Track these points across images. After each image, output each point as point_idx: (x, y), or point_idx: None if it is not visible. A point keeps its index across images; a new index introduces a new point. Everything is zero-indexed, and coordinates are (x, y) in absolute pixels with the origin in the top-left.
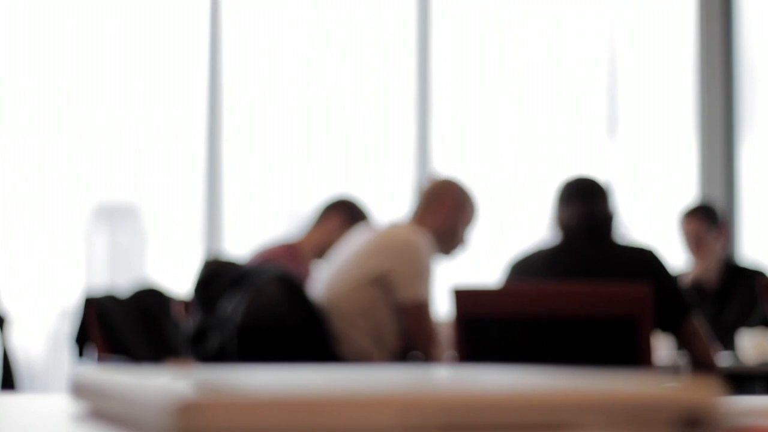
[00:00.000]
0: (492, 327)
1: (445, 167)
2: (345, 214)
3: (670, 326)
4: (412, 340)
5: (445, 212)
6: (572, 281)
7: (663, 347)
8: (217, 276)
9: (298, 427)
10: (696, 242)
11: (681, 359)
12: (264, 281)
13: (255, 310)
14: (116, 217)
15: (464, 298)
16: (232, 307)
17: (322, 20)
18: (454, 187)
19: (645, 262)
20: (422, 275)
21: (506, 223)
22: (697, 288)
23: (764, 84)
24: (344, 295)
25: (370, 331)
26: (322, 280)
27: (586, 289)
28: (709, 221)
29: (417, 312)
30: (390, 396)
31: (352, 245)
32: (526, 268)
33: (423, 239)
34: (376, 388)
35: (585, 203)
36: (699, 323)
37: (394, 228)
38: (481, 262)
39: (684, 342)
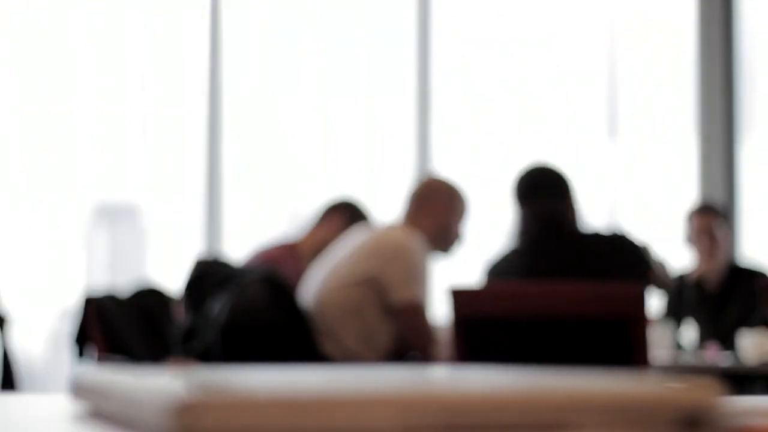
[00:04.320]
0: (490, 327)
1: (445, 167)
2: (346, 215)
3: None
4: (409, 341)
5: (437, 211)
6: (549, 279)
7: (660, 347)
8: (207, 276)
9: (298, 428)
10: (709, 238)
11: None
12: (248, 281)
13: (238, 310)
14: (116, 217)
15: (463, 298)
16: (219, 307)
17: (322, 20)
18: (443, 185)
19: (617, 248)
20: (416, 277)
21: (506, 223)
22: (698, 288)
23: (764, 84)
24: (334, 294)
25: (358, 331)
26: (315, 279)
27: (583, 289)
28: (719, 219)
29: (412, 313)
30: (390, 396)
31: (345, 246)
32: (504, 271)
33: (416, 241)
34: (376, 388)
35: (537, 202)
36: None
37: (387, 231)
38: (481, 262)
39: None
